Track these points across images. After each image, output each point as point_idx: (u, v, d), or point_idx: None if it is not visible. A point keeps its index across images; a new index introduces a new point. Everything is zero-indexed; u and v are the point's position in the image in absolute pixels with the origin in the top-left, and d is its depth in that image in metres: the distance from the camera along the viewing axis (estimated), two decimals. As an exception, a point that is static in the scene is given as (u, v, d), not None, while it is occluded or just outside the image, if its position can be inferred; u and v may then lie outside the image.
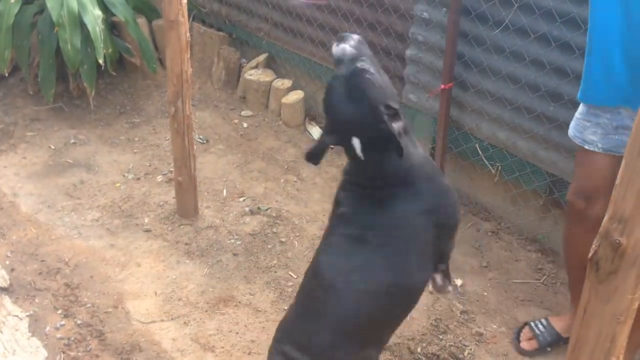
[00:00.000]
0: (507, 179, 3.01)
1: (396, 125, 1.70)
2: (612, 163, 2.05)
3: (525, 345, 2.47)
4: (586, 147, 2.10)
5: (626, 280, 1.23)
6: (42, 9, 3.65)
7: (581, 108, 2.12)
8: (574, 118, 2.15)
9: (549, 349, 2.46)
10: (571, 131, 2.16)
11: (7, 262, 2.79)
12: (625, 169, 1.17)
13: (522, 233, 3.04)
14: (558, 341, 2.46)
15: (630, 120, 1.96)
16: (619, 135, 2.02)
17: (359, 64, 1.74)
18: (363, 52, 1.79)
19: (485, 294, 2.73)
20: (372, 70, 1.74)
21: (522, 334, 2.51)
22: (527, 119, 2.79)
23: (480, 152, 3.07)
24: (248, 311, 2.59)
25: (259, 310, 2.60)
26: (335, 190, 3.16)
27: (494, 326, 2.57)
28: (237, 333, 2.49)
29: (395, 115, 1.71)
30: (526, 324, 2.53)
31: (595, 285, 1.28)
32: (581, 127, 2.11)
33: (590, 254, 1.27)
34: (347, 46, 1.78)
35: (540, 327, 2.49)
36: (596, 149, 2.08)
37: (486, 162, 3.06)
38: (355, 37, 1.83)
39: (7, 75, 3.90)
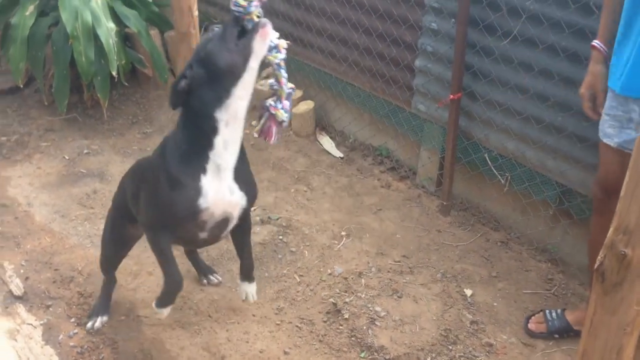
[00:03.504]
0: (517, 189, 3.02)
1: (179, 81, 1.89)
2: (625, 162, 2.08)
3: (533, 326, 2.56)
4: (605, 140, 2.16)
5: (632, 292, 1.24)
6: (57, 21, 3.71)
7: (606, 102, 2.17)
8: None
9: (556, 336, 2.53)
10: (599, 125, 2.23)
11: (22, 271, 2.83)
12: (629, 181, 1.18)
13: (532, 243, 3.04)
14: (567, 331, 2.53)
15: (637, 115, 2.04)
16: (630, 129, 2.08)
17: (213, 25, 1.98)
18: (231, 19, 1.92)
19: (495, 304, 2.73)
20: (212, 33, 1.92)
21: (534, 317, 2.59)
22: (535, 129, 2.80)
23: (489, 162, 3.08)
24: (258, 320, 2.61)
25: (269, 319, 2.62)
26: (344, 200, 3.18)
27: (504, 337, 2.57)
28: (247, 342, 2.51)
29: (184, 76, 1.89)
30: (542, 310, 2.60)
31: (601, 297, 1.29)
32: (603, 120, 2.18)
33: (596, 265, 1.28)
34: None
35: (554, 315, 2.57)
36: (612, 143, 2.14)
37: (495, 172, 3.07)
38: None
39: (22, 86, 3.97)
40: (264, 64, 1.88)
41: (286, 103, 1.94)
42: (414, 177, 3.53)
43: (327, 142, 3.89)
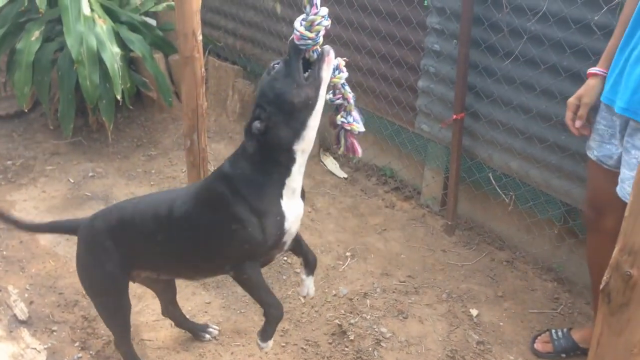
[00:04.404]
0: (521, 208, 3.01)
1: (252, 124, 1.84)
2: (609, 177, 2.13)
3: (539, 346, 2.56)
4: (588, 152, 2.22)
5: (638, 312, 1.23)
6: (62, 47, 3.75)
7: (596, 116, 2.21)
8: None
9: (563, 355, 2.52)
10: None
11: (26, 295, 2.82)
12: (633, 201, 1.17)
13: (537, 262, 3.03)
14: (574, 350, 2.52)
15: (617, 131, 2.07)
16: (610, 145, 2.11)
17: (272, 63, 1.88)
18: (288, 52, 1.86)
19: (501, 324, 2.71)
20: (273, 71, 1.85)
21: (540, 337, 2.59)
22: (539, 148, 2.81)
23: (493, 182, 3.08)
24: (263, 343, 2.60)
25: (274, 341, 2.59)
26: (349, 221, 3.17)
27: (511, 357, 2.55)
28: (253, 365, 2.50)
29: (258, 118, 1.84)
30: (548, 330, 2.60)
31: (608, 318, 1.28)
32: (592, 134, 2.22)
33: (601, 286, 1.27)
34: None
35: (560, 334, 2.56)
36: (592, 156, 2.19)
37: (499, 192, 3.07)
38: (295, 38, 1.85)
39: (27, 110, 4.00)
40: (329, 87, 1.89)
41: (355, 114, 1.95)
42: (418, 197, 3.53)
43: (331, 163, 3.90)
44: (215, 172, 2.03)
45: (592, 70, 2.15)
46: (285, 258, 3.07)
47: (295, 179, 1.93)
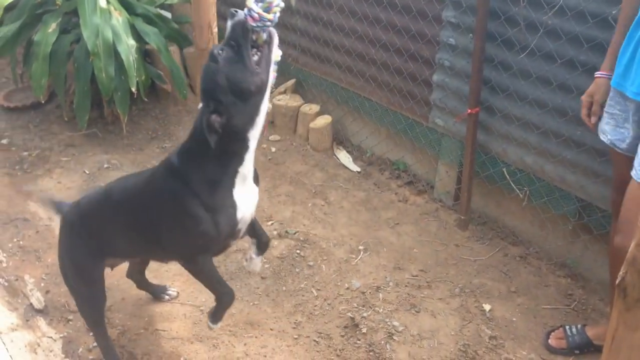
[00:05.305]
0: (536, 204, 3.00)
1: (211, 118, 1.79)
2: (629, 161, 2.14)
3: (553, 342, 2.56)
4: (601, 137, 2.24)
5: (654, 308, 1.23)
6: (79, 39, 3.77)
7: (607, 100, 2.23)
8: None
9: (577, 352, 2.51)
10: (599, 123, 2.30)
11: (43, 285, 2.86)
12: (651, 196, 1.17)
13: (551, 258, 3.01)
14: (588, 346, 2.52)
15: (630, 115, 2.09)
16: (623, 129, 2.14)
17: (216, 50, 1.82)
18: (234, 36, 1.82)
19: (514, 319, 2.71)
20: (221, 58, 1.80)
21: (554, 333, 2.59)
22: (554, 143, 2.79)
23: (507, 177, 3.07)
24: (275, 334, 2.61)
25: (286, 334, 2.62)
26: (362, 215, 3.18)
27: (524, 352, 2.55)
28: (265, 356, 2.51)
29: (215, 111, 1.80)
30: (561, 326, 2.59)
31: (624, 313, 1.27)
32: (602, 117, 2.25)
33: (617, 281, 1.27)
34: (229, 24, 1.84)
35: (574, 330, 2.56)
36: (606, 140, 2.21)
37: (514, 187, 3.05)
38: (240, 18, 1.83)
39: (44, 102, 4.04)
40: None
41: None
42: (432, 191, 3.52)
43: (344, 157, 3.90)
44: (166, 167, 2.00)
45: (598, 74, 2.25)
46: (298, 251, 3.08)
47: (247, 166, 1.93)
